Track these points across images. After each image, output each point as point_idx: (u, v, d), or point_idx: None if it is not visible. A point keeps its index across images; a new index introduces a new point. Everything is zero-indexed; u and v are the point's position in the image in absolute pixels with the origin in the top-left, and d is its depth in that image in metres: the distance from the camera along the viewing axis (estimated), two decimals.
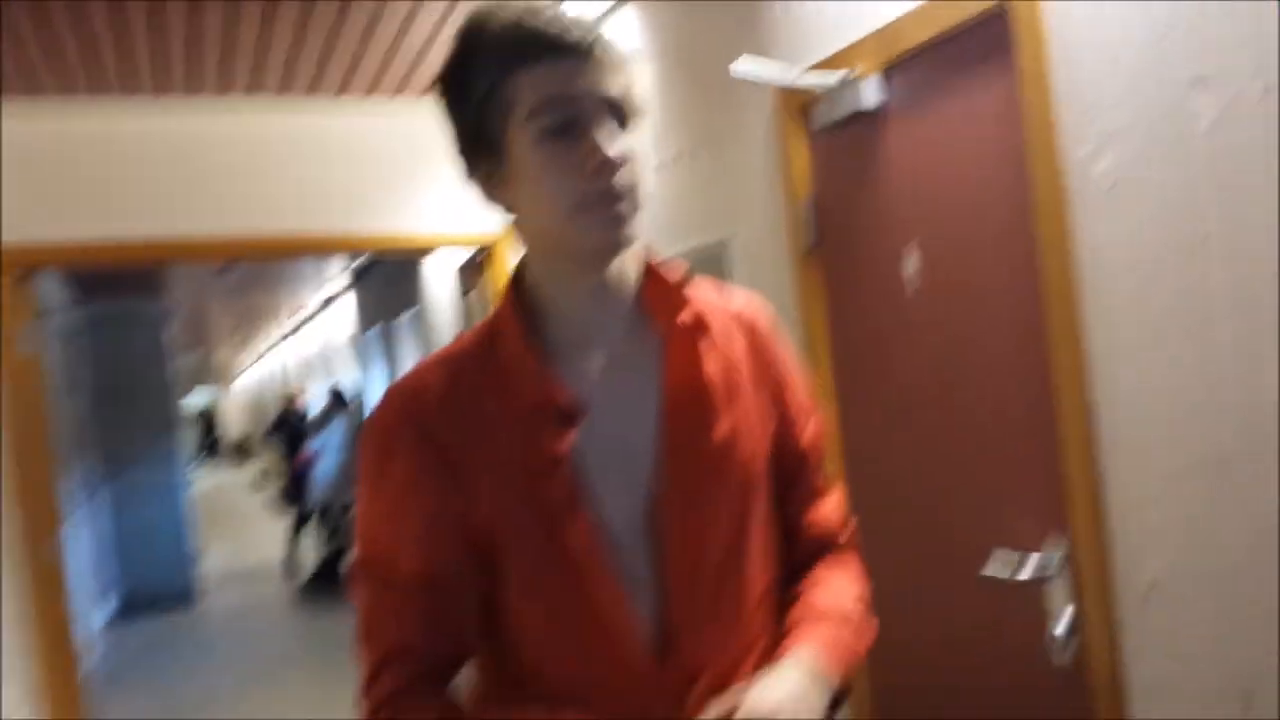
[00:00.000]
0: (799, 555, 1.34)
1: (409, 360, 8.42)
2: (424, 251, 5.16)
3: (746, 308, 1.34)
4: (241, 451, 27.49)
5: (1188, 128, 1.64)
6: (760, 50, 2.73)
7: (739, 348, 1.29)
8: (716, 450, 1.23)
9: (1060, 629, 1.91)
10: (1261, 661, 1.62)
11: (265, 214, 4.37)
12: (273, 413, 12.33)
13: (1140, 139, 1.72)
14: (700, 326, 1.25)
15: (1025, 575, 1.96)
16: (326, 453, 9.67)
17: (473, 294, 5.36)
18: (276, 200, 4.38)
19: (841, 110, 2.35)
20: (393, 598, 1.21)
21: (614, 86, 1.17)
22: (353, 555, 1.25)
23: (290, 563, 9.81)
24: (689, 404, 1.23)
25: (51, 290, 6.89)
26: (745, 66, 2.44)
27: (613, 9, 3.73)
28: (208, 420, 25.56)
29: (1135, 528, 1.80)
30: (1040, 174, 1.87)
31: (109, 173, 4.21)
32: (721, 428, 1.23)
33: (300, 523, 9.92)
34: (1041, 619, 1.95)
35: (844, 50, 2.41)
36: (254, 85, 4.17)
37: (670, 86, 3.43)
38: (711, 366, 1.24)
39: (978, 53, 2.03)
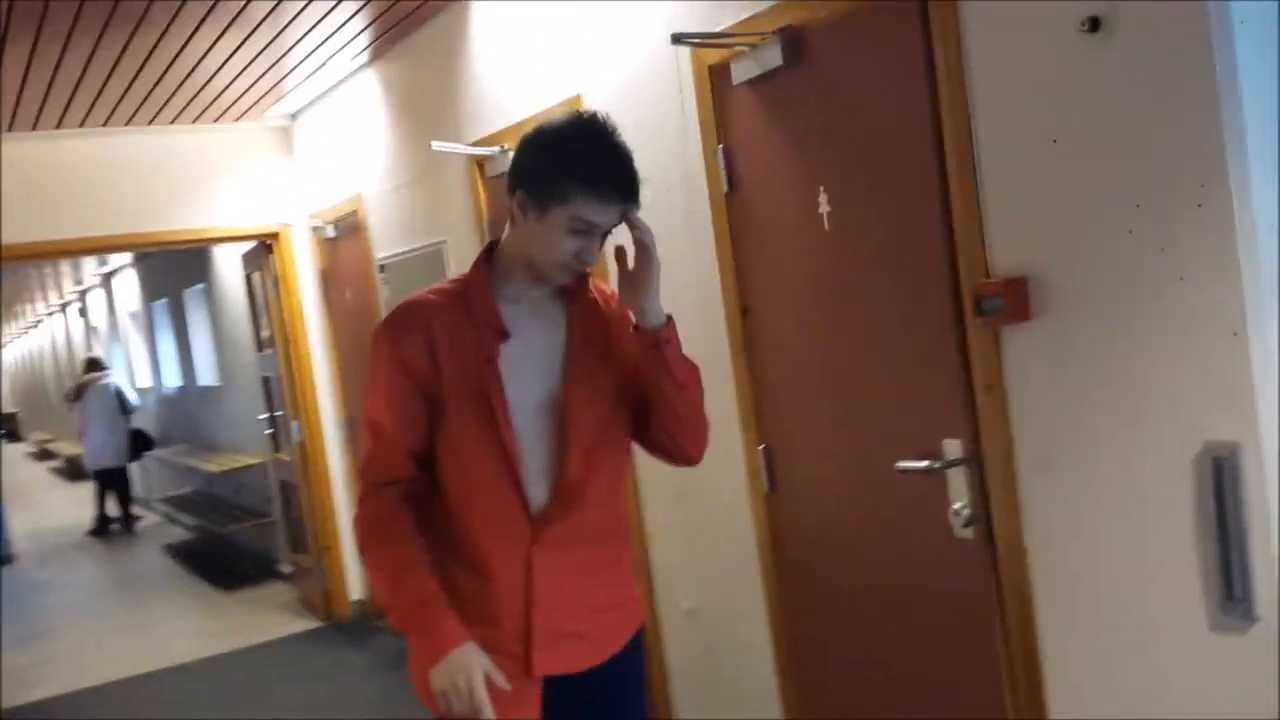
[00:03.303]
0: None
1: (200, 327, 9.54)
2: (222, 241, 6.45)
3: (615, 294, 2.06)
4: (8, 429, 26.41)
5: None
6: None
7: (611, 314, 2.04)
8: (597, 360, 1.99)
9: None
10: None
11: (95, 221, 5.61)
12: (66, 382, 12.93)
13: None
14: (593, 301, 2.03)
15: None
16: (92, 420, 10.48)
17: (258, 273, 6.66)
18: (105, 209, 5.62)
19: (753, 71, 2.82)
20: (384, 446, 1.95)
21: (614, 223, 1.88)
22: (360, 414, 2.14)
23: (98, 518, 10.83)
24: (583, 335, 1.99)
25: None
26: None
27: (357, 70, 5.18)
28: None
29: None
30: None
31: None
32: (601, 351, 2.00)
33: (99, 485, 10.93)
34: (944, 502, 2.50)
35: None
36: (83, 120, 5.38)
37: (400, 130, 4.94)
38: (595, 321, 2.01)
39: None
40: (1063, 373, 2.21)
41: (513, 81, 3.97)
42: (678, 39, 2.83)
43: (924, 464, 2.53)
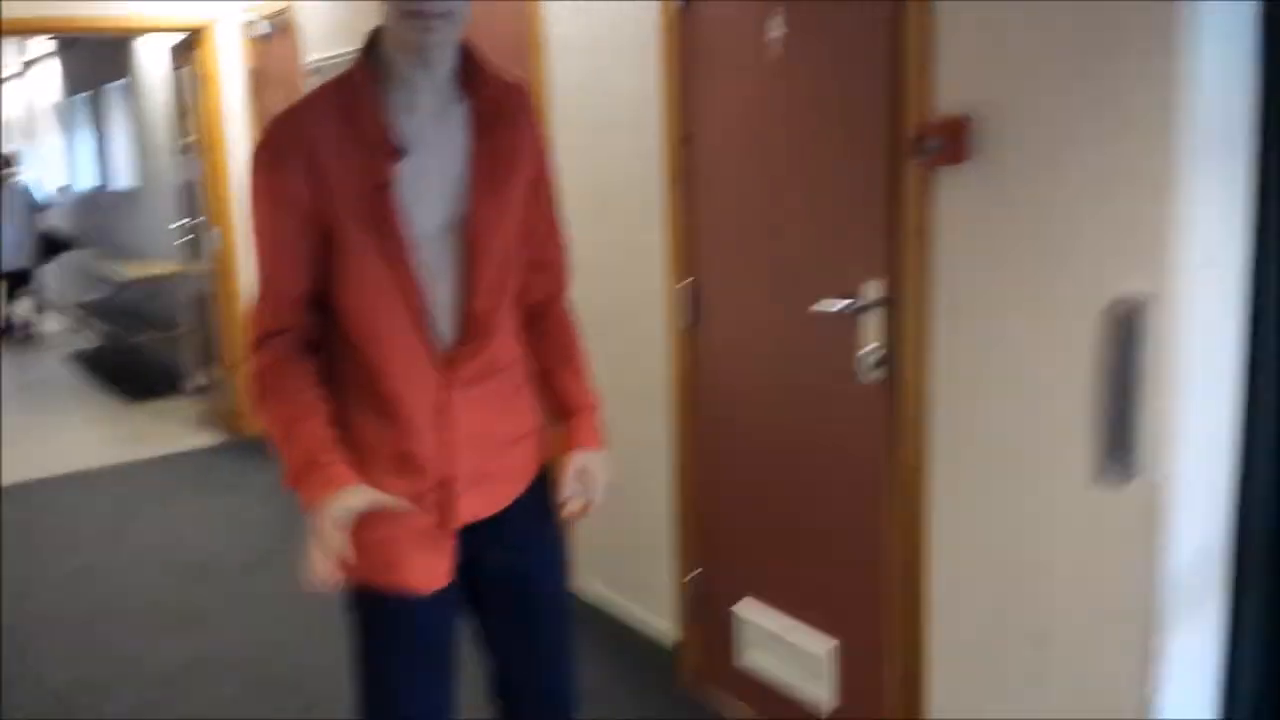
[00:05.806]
0: (539, 277, 1.91)
1: (119, 127, 9.13)
2: (145, 31, 6.09)
3: (519, 83, 1.86)
4: None
5: None
6: None
7: (512, 109, 1.80)
8: (504, 170, 1.76)
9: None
10: None
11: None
12: None
13: None
14: (495, 96, 1.77)
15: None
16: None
17: (184, 70, 6.34)
18: None
19: None
20: (271, 292, 1.75)
21: None
22: (255, 257, 1.79)
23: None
24: (489, 142, 1.75)
25: None
26: None
27: None
28: None
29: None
30: None
31: None
32: (508, 157, 1.77)
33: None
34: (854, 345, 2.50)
35: None
36: None
37: None
38: (501, 122, 1.76)
39: None
40: (990, 218, 2.19)
41: None
42: None
43: (839, 305, 2.52)
